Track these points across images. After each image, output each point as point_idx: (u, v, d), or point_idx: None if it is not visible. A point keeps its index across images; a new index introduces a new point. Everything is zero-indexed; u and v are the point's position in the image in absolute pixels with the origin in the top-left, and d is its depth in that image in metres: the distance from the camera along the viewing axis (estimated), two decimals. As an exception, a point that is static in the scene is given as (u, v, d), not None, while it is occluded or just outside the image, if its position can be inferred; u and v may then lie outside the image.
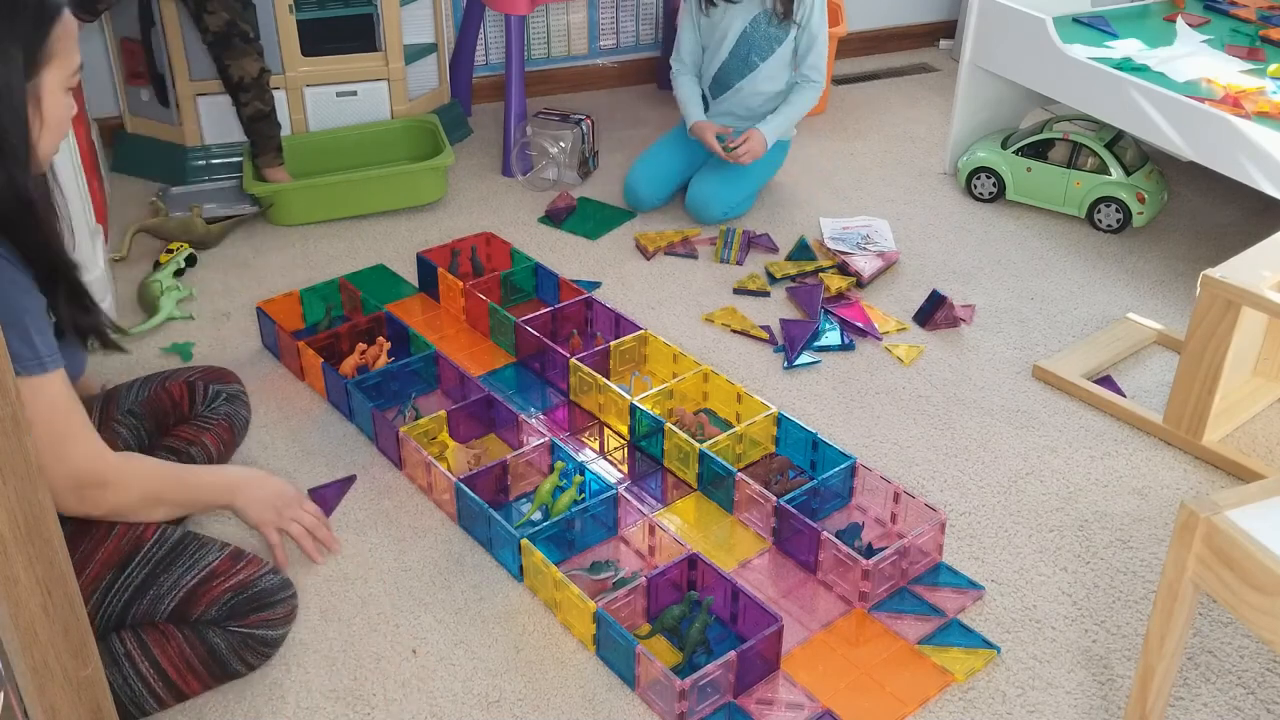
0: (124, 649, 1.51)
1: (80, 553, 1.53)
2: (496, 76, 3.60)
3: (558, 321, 2.36)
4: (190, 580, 1.55)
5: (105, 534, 1.56)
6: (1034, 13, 2.82)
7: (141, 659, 1.51)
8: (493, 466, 1.91)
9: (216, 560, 1.57)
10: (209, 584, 1.55)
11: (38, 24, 1.35)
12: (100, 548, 1.55)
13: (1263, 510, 1.29)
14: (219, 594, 1.55)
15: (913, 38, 4.27)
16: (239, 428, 1.97)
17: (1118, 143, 2.89)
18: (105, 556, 1.54)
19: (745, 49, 2.83)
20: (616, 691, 1.61)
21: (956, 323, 2.49)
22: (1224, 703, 1.61)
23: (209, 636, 1.53)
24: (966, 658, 1.66)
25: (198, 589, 1.54)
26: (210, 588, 1.55)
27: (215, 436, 1.90)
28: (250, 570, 1.58)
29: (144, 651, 1.51)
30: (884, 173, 3.25)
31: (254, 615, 1.56)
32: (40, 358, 1.40)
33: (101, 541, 1.55)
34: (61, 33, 1.38)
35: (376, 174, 2.89)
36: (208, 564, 1.56)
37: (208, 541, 1.60)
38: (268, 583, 1.59)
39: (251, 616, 1.56)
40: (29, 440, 1.04)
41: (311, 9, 2.97)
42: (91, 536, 1.55)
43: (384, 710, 1.58)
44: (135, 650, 1.51)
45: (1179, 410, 2.11)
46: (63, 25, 1.38)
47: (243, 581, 1.57)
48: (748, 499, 1.89)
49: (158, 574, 1.54)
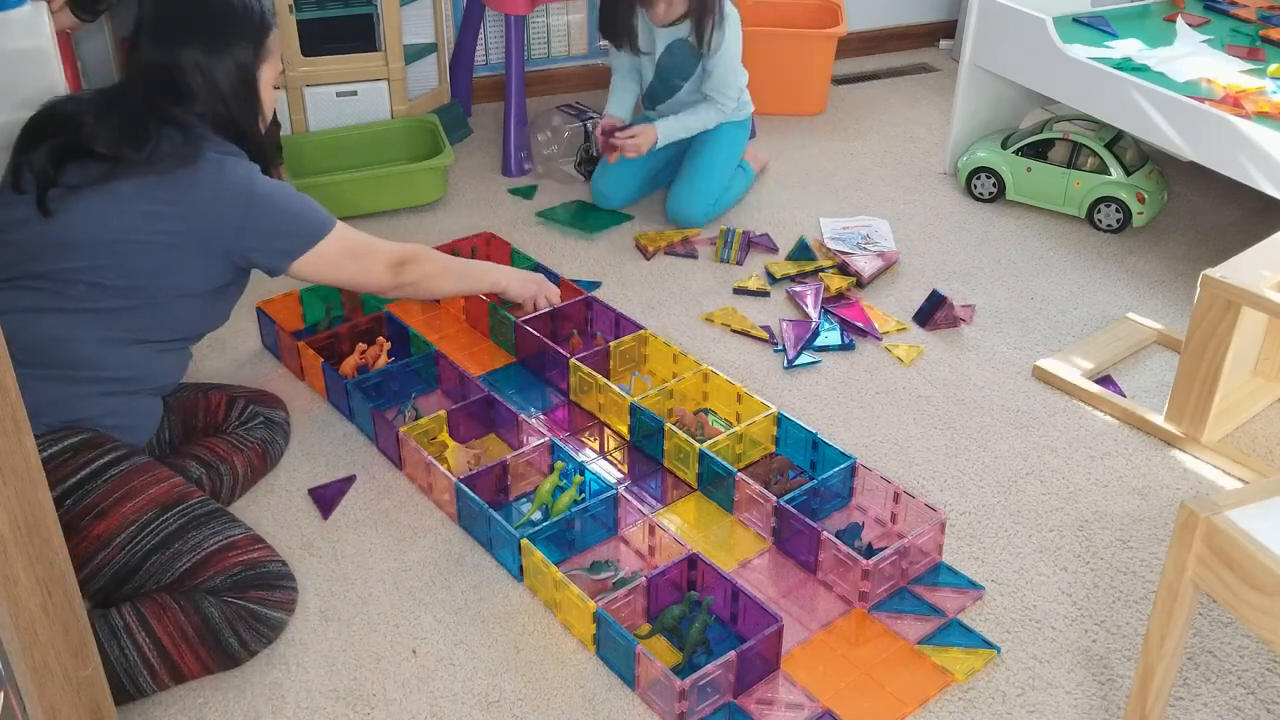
0: (122, 622, 1.55)
1: (135, 485, 1.65)
2: (496, 76, 3.60)
3: (558, 321, 2.36)
4: (211, 546, 1.64)
5: (164, 478, 1.69)
6: (1034, 13, 2.82)
7: (139, 630, 1.55)
8: (493, 466, 1.91)
9: (240, 535, 1.68)
10: (225, 553, 1.64)
11: (261, 28, 1.83)
12: (154, 485, 1.67)
13: (1263, 510, 1.29)
14: (230, 564, 1.63)
15: (913, 38, 4.27)
16: (273, 457, 2.01)
17: (1118, 143, 2.89)
18: (157, 494, 1.66)
19: (667, 72, 2.91)
20: (616, 691, 1.61)
21: (956, 323, 2.49)
22: (1224, 703, 1.61)
23: (204, 606, 1.58)
24: (966, 658, 1.66)
25: (214, 555, 1.63)
26: (225, 557, 1.64)
27: (246, 460, 1.94)
28: (264, 553, 1.67)
29: (142, 623, 1.55)
30: (884, 173, 3.25)
31: (254, 591, 1.62)
32: (325, 215, 1.86)
33: (158, 481, 1.68)
34: (274, 39, 1.87)
35: (376, 174, 2.89)
36: (231, 536, 1.67)
37: (238, 521, 1.71)
38: (275, 568, 1.67)
39: (251, 592, 1.62)
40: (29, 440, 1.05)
41: (311, 9, 2.97)
42: (151, 474, 1.68)
43: (384, 710, 1.58)
44: (134, 622, 1.55)
45: (1179, 410, 2.11)
46: (275, 34, 1.87)
47: (254, 559, 1.65)
48: (748, 499, 1.89)
49: (188, 529, 1.65)
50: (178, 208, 1.71)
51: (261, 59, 1.84)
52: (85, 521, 1.61)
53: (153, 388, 1.82)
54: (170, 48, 1.77)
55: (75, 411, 1.69)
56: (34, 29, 2.06)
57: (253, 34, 1.82)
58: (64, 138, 1.73)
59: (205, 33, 1.78)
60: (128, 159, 1.70)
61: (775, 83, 3.53)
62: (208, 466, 1.87)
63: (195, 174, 1.71)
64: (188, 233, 1.72)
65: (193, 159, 1.72)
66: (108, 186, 1.69)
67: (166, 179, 1.70)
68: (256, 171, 1.80)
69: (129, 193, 1.69)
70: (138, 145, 1.71)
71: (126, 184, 1.69)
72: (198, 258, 1.75)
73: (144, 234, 1.70)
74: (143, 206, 1.69)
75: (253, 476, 1.96)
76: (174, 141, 1.73)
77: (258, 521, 1.89)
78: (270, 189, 1.79)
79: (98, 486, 1.63)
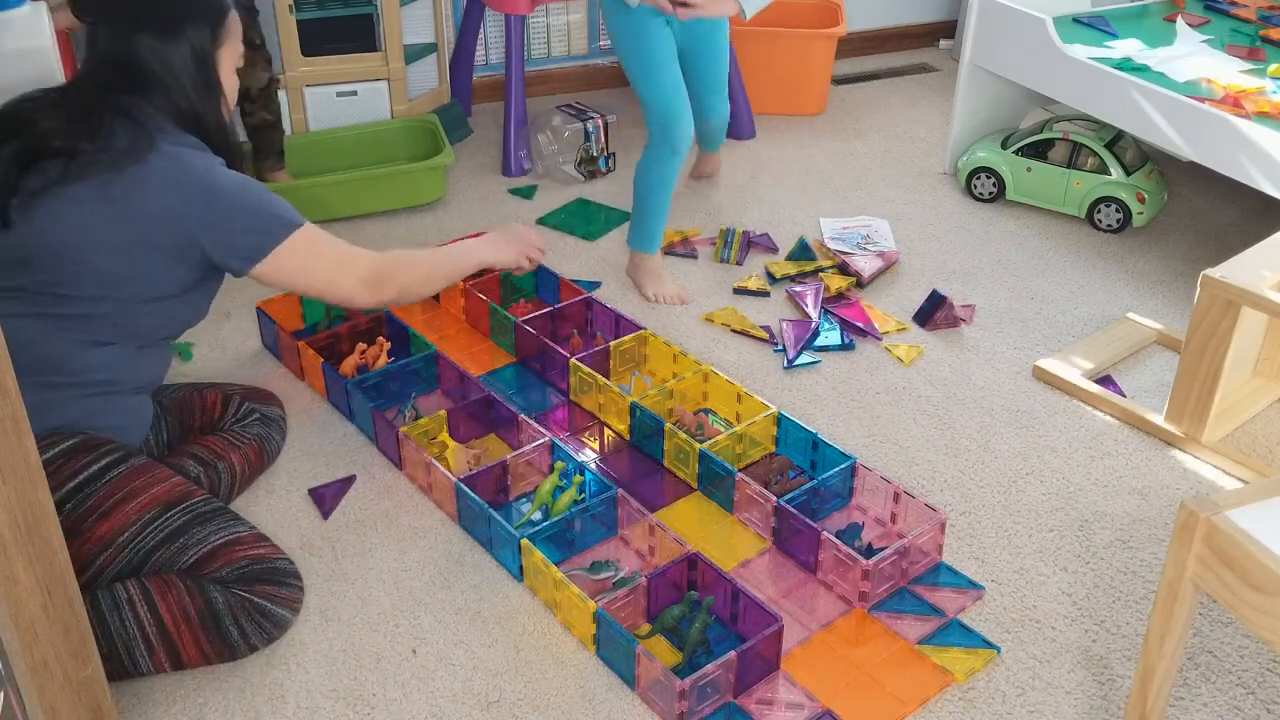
0: (126, 594, 1.56)
1: (137, 484, 1.65)
2: (496, 76, 3.60)
3: (558, 321, 2.36)
4: (217, 540, 1.64)
5: (165, 478, 1.68)
6: (1034, 13, 2.82)
7: (141, 603, 1.56)
8: (493, 466, 1.91)
9: (245, 532, 1.68)
10: (231, 548, 1.64)
11: (218, 9, 1.78)
12: (156, 485, 1.66)
13: (1263, 510, 1.29)
14: (236, 558, 1.64)
15: (913, 38, 4.27)
16: (270, 453, 2.00)
17: (1118, 143, 2.89)
18: (159, 493, 1.65)
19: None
20: (616, 691, 1.61)
21: (956, 323, 2.49)
22: (1224, 703, 1.61)
23: (209, 590, 1.58)
24: (966, 658, 1.66)
25: (220, 549, 1.64)
26: (231, 551, 1.64)
27: (243, 457, 1.93)
28: (270, 550, 1.68)
29: (145, 597, 1.56)
30: (884, 173, 3.25)
31: (260, 586, 1.63)
32: (294, 213, 1.77)
33: (160, 480, 1.67)
34: (233, 21, 1.80)
35: (376, 174, 2.89)
36: (236, 532, 1.67)
37: (243, 520, 1.71)
38: (282, 565, 1.67)
39: (258, 586, 1.62)
40: (29, 440, 1.05)
41: (311, 9, 2.97)
42: (152, 475, 1.66)
43: (384, 710, 1.58)
44: (137, 595, 1.56)
45: (1179, 410, 2.11)
46: (233, 16, 1.81)
47: (261, 555, 1.66)
48: (748, 499, 1.89)
49: (192, 525, 1.65)
50: (132, 206, 1.65)
51: (220, 42, 1.78)
52: (88, 524, 1.60)
53: (135, 386, 1.79)
54: (124, 35, 1.70)
55: (63, 416, 1.67)
56: (34, 29, 2.06)
57: (209, 16, 1.75)
58: (22, 140, 1.66)
59: (159, 17, 1.71)
60: (82, 152, 1.64)
61: (775, 83, 3.53)
62: (205, 465, 1.86)
63: (147, 168, 1.65)
64: (145, 231, 1.66)
65: (143, 152, 1.65)
66: (66, 191, 1.63)
67: (119, 176, 1.64)
68: (218, 164, 1.73)
69: (85, 196, 1.64)
70: (92, 136, 1.64)
71: (83, 187, 1.63)
72: (160, 258, 1.69)
73: (105, 239, 1.64)
74: (101, 209, 1.64)
75: (251, 473, 1.95)
76: (127, 134, 1.66)
77: (258, 521, 1.89)
78: (232, 182, 1.71)
79: (99, 489, 1.62)
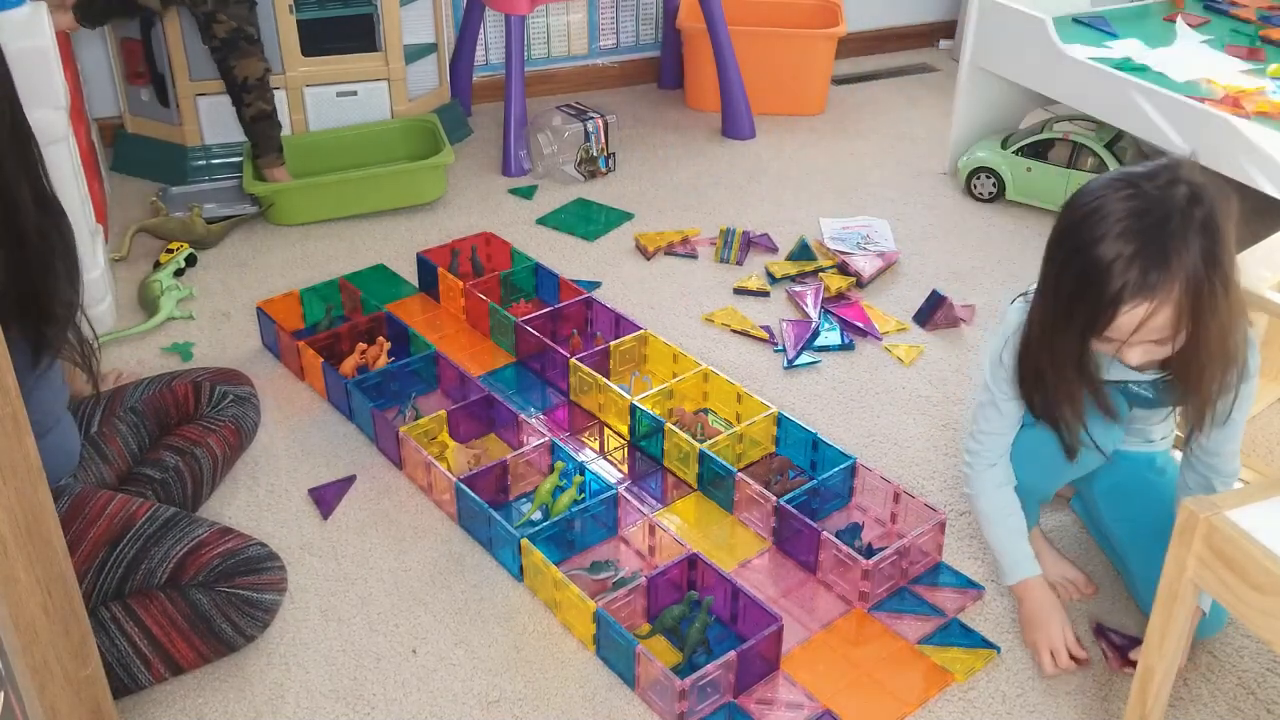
0: (109, 614, 1.55)
1: (73, 532, 1.57)
2: (496, 76, 3.60)
3: (558, 321, 2.36)
4: (180, 551, 1.60)
5: (98, 514, 1.61)
6: (1034, 13, 2.82)
7: (126, 620, 1.55)
8: (493, 466, 1.91)
9: (205, 533, 1.63)
10: (198, 553, 1.60)
11: None
12: (92, 527, 1.60)
13: (1263, 510, 1.29)
14: (207, 560, 1.59)
15: (913, 38, 4.27)
16: (247, 431, 1.98)
17: (1118, 143, 2.89)
18: (98, 535, 1.59)
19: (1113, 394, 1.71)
20: (616, 691, 1.61)
21: (956, 323, 2.49)
22: (1224, 703, 1.61)
23: (192, 595, 1.57)
24: (966, 658, 1.66)
25: (187, 557, 1.59)
26: (199, 555, 1.60)
27: (221, 439, 1.91)
28: (238, 541, 1.64)
29: (128, 614, 1.55)
30: (884, 173, 3.25)
31: (240, 578, 1.60)
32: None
33: (93, 522, 1.60)
34: None
35: (376, 173, 2.89)
36: (196, 536, 1.62)
37: (198, 519, 1.66)
38: (255, 551, 1.63)
39: (238, 579, 1.60)
40: (29, 440, 1.04)
41: (311, 9, 2.97)
42: (84, 517, 1.60)
43: (384, 710, 1.58)
44: (120, 614, 1.55)
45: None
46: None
47: (230, 549, 1.62)
48: (748, 499, 1.89)
49: (149, 548, 1.60)
50: None
51: None
52: None
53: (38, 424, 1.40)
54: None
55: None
56: (34, 29, 2.06)
57: None
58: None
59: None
60: None
61: (775, 83, 3.53)
62: (183, 454, 1.84)
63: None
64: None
65: None
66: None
67: None
68: None
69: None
70: None
71: None
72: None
73: None
74: None
75: (231, 454, 1.94)
76: None
77: (258, 521, 1.89)
78: None
79: None
